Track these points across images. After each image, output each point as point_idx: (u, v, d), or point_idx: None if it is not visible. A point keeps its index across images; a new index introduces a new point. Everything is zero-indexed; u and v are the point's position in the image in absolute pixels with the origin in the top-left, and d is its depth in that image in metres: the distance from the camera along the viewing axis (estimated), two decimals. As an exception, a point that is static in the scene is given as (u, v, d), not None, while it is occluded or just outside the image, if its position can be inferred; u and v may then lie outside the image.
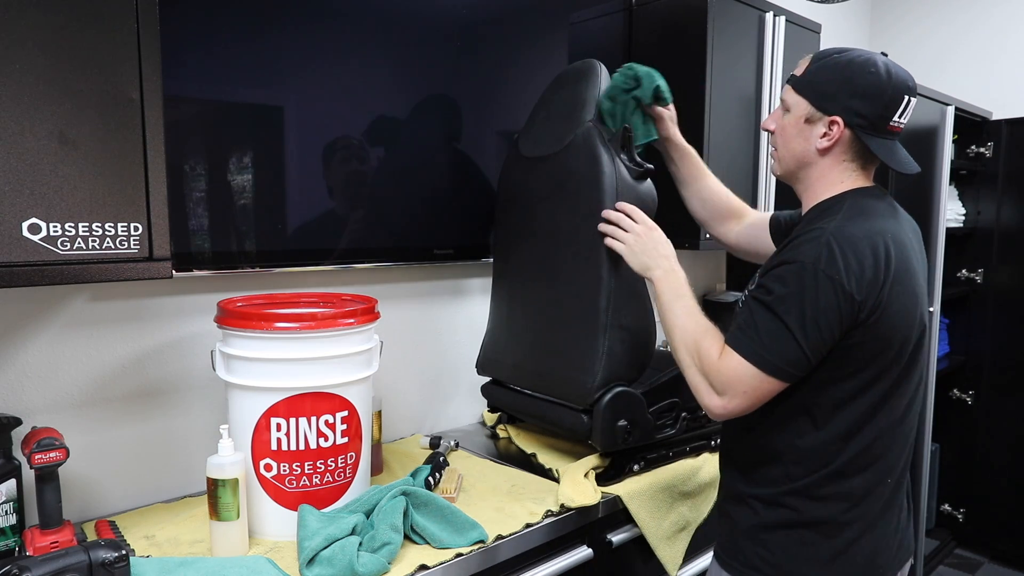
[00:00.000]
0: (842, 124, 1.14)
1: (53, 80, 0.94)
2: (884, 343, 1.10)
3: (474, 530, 1.25)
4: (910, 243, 1.16)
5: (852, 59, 1.15)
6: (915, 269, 1.14)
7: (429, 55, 1.74)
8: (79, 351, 1.33)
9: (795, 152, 1.21)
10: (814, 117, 1.17)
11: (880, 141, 1.15)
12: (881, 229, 1.11)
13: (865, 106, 1.13)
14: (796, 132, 1.20)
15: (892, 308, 1.09)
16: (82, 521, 1.32)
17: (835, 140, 1.16)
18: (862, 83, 1.13)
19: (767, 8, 2.04)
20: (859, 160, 1.18)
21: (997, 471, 3.11)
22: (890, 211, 1.18)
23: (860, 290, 1.06)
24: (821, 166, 1.19)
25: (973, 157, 3.10)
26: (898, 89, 1.13)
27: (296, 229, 1.56)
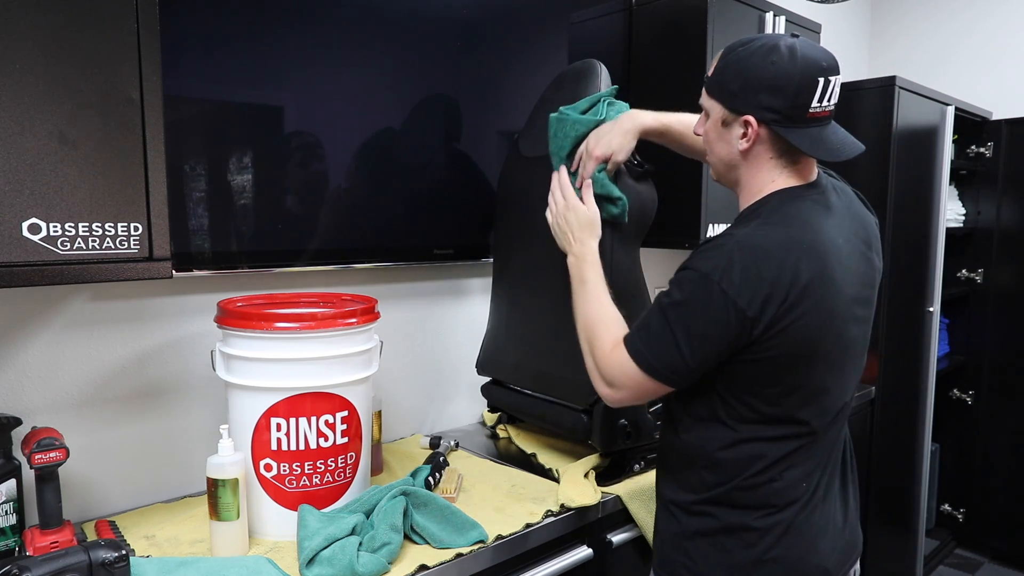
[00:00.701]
0: (755, 123, 1.07)
1: (53, 80, 0.94)
2: (790, 359, 1.04)
3: (474, 530, 1.25)
4: (835, 251, 1.06)
5: (753, 51, 1.06)
6: (836, 280, 1.05)
7: (429, 55, 1.74)
8: (79, 351, 1.33)
9: (721, 157, 1.15)
10: (728, 119, 1.11)
11: (802, 132, 1.06)
12: (797, 238, 1.03)
13: (774, 99, 1.04)
14: (717, 137, 1.14)
15: (798, 324, 1.02)
16: (82, 521, 1.32)
17: (753, 140, 1.08)
18: (766, 76, 1.04)
19: (767, 8, 2.04)
20: (787, 156, 1.10)
21: (997, 471, 3.11)
22: (820, 213, 1.09)
23: (753, 306, 1.00)
24: (749, 168, 1.12)
25: (973, 157, 3.10)
26: (808, 73, 1.03)
27: (296, 229, 1.56)
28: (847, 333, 1.09)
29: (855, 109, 2.43)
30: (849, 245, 1.10)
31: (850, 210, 1.16)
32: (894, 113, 2.35)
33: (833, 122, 1.10)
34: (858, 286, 1.10)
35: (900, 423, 2.64)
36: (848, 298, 1.08)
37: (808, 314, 1.02)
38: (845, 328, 1.09)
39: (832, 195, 1.14)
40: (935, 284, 2.63)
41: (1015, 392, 3.05)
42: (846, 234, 1.10)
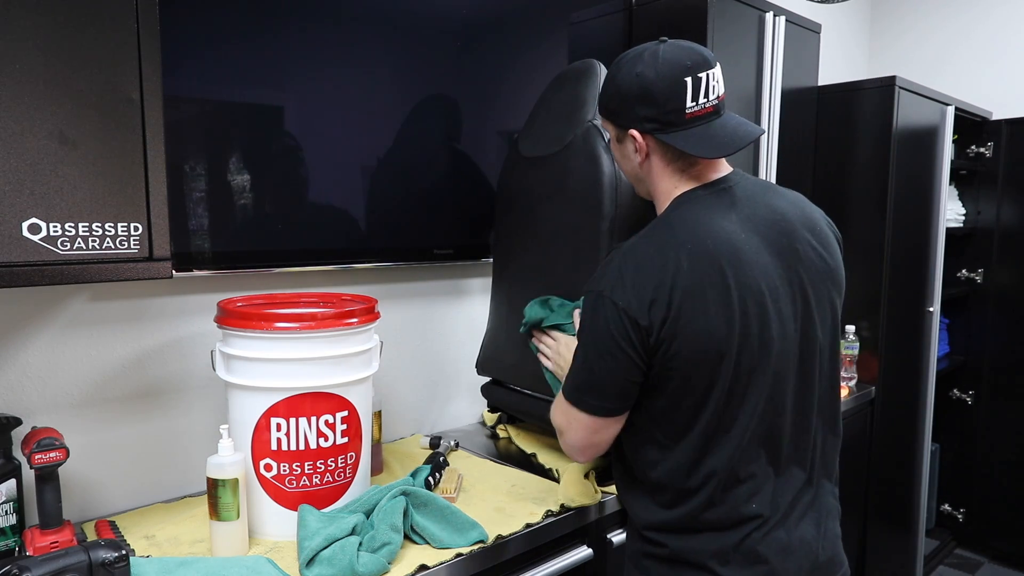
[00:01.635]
0: (639, 135, 1.09)
1: (53, 80, 0.94)
2: (691, 366, 1.02)
3: (474, 530, 1.25)
4: (731, 247, 1.03)
5: (621, 66, 1.09)
6: (735, 275, 1.02)
7: (429, 55, 1.74)
8: (79, 351, 1.33)
9: (629, 173, 1.19)
10: (620, 136, 1.14)
11: (684, 133, 1.05)
12: (681, 239, 1.03)
13: (647, 109, 1.06)
14: (620, 155, 1.18)
15: (688, 329, 1.00)
16: (82, 521, 1.32)
17: (644, 151, 1.10)
18: (634, 88, 1.06)
19: (767, 8, 2.04)
20: (681, 159, 1.09)
21: (997, 471, 3.11)
22: (716, 210, 1.07)
23: (642, 313, 1.00)
24: (652, 178, 1.14)
25: (973, 157, 3.10)
26: (671, 77, 1.04)
27: (296, 229, 1.56)
28: (764, 332, 1.04)
29: (855, 109, 2.43)
30: (757, 239, 1.06)
31: (768, 204, 1.11)
32: (894, 113, 2.35)
33: (725, 114, 1.10)
34: (776, 280, 1.06)
35: (900, 423, 2.64)
36: (756, 293, 1.03)
37: (697, 317, 1.00)
38: (761, 327, 1.03)
39: (740, 190, 1.11)
40: (935, 284, 2.63)
41: (1015, 392, 3.05)
42: (758, 228, 1.07)
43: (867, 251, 2.42)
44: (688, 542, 1.09)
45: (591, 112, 1.51)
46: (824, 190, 2.47)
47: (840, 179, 2.47)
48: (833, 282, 1.13)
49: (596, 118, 1.51)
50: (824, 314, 1.12)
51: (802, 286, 1.08)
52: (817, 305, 1.10)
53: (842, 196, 2.48)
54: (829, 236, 1.16)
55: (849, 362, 2.42)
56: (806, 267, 1.09)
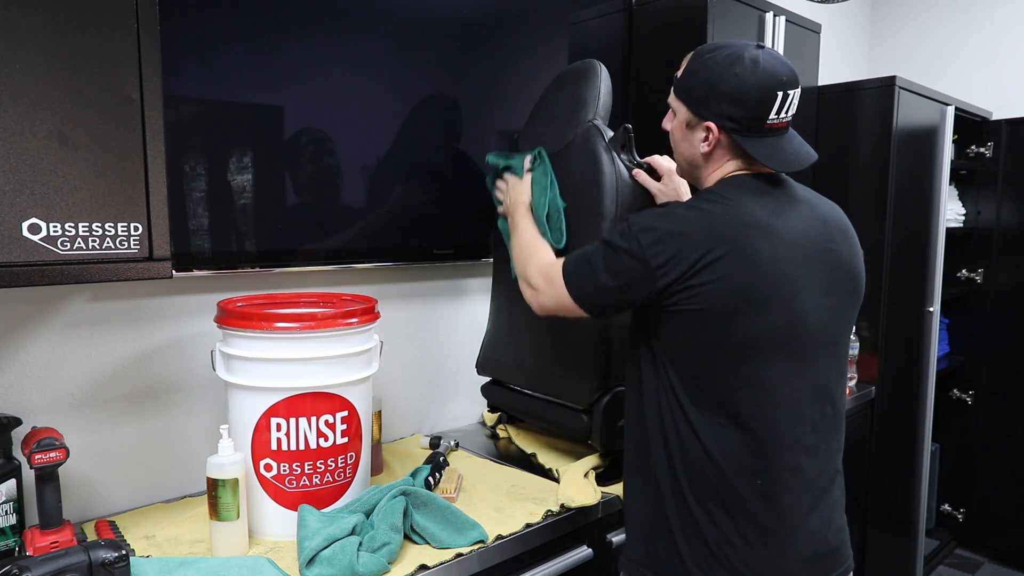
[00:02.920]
0: (716, 129, 1.13)
1: (53, 80, 0.94)
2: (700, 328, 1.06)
3: (474, 530, 1.25)
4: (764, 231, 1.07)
5: (719, 60, 1.12)
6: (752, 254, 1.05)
7: (430, 55, 1.74)
8: (79, 351, 1.33)
9: (685, 155, 1.21)
10: (692, 122, 1.16)
11: (759, 141, 1.11)
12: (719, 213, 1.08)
13: (735, 110, 1.10)
14: (681, 137, 1.20)
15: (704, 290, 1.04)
16: (82, 521, 1.32)
17: (713, 144, 1.14)
18: (728, 87, 1.10)
19: (767, 8, 2.04)
20: (744, 159, 1.15)
21: (997, 471, 3.11)
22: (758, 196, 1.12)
23: (658, 260, 1.05)
24: (709, 167, 1.18)
25: (973, 157, 3.10)
26: (767, 87, 1.09)
27: (296, 229, 1.56)
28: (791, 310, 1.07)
29: (855, 109, 2.43)
30: (792, 231, 1.10)
31: (807, 200, 1.17)
32: (894, 113, 2.35)
33: (791, 131, 1.16)
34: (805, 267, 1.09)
35: (900, 423, 2.64)
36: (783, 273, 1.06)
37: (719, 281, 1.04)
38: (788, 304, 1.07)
39: (784, 188, 1.16)
40: (935, 284, 2.63)
41: (1015, 392, 3.05)
42: (794, 216, 1.12)
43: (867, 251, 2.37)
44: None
45: (591, 112, 1.51)
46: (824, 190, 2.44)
47: (840, 179, 2.47)
48: (855, 288, 1.19)
49: (596, 118, 1.51)
50: (846, 313, 1.17)
51: (831, 281, 1.13)
52: (840, 303, 1.15)
53: (842, 196, 2.47)
54: (858, 246, 1.22)
55: (849, 362, 2.42)
56: (836, 265, 1.14)
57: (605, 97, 1.53)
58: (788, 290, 1.07)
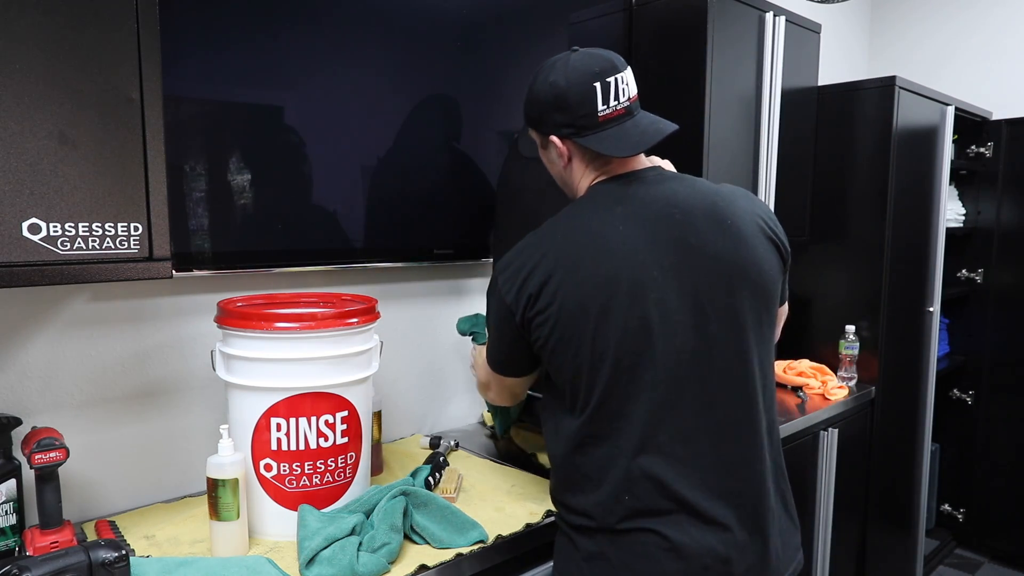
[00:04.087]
0: (559, 141, 1.15)
1: (53, 80, 0.94)
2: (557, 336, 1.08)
3: (474, 530, 1.25)
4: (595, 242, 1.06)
5: (539, 78, 1.16)
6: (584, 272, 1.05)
7: (429, 55, 1.74)
8: (79, 351, 1.33)
9: (556, 176, 1.25)
10: (544, 143, 1.20)
11: (599, 136, 1.11)
12: (554, 232, 1.12)
13: (562, 116, 1.12)
14: (547, 161, 1.25)
15: (548, 313, 1.07)
16: (82, 521, 1.32)
17: (566, 156, 1.17)
18: (548, 97, 1.13)
19: (767, 8, 2.04)
20: (598, 159, 1.15)
21: (997, 471, 3.11)
22: (603, 204, 1.11)
23: (510, 295, 1.11)
24: (574, 178, 1.20)
25: (973, 157, 3.10)
26: (582, 83, 1.10)
27: (296, 229, 1.56)
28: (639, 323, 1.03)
29: (855, 109, 2.43)
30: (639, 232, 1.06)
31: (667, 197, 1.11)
32: (894, 113, 2.35)
33: (637, 114, 1.15)
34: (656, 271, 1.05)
35: (900, 423, 2.64)
36: (626, 282, 1.04)
37: (561, 299, 1.06)
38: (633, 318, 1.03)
39: (642, 186, 1.12)
40: (935, 284, 2.63)
41: (1015, 392, 3.05)
42: (643, 221, 1.07)
43: (867, 251, 2.42)
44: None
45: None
46: (824, 190, 2.46)
47: (840, 179, 2.47)
48: (746, 278, 1.08)
49: None
50: (727, 311, 1.07)
51: (694, 281, 1.06)
52: (711, 301, 1.06)
53: (842, 196, 2.48)
54: (751, 232, 1.10)
55: (849, 362, 2.42)
56: (702, 261, 1.06)
57: (605, 97, 1.53)
58: (632, 298, 1.04)
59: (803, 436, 2.10)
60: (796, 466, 2.11)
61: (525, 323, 1.11)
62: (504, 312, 1.13)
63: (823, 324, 2.53)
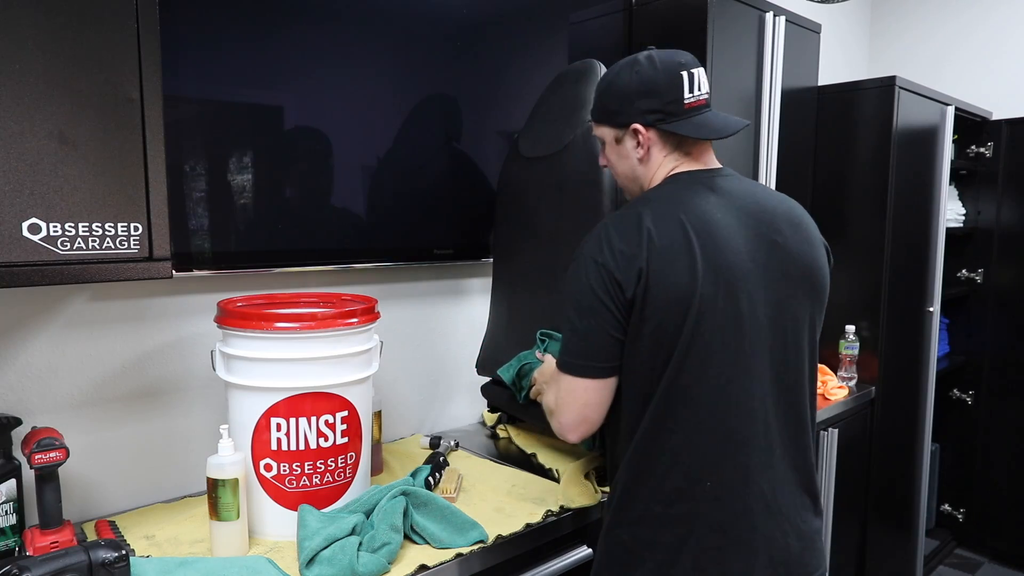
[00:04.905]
0: (643, 128, 1.16)
1: (53, 80, 0.94)
2: (655, 323, 1.06)
3: (474, 530, 1.25)
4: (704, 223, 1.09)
5: (617, 71, 1.19)
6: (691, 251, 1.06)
7: (429, 55, 1.74)
8: (79, 351, 1.33)
9: (627, 174, 1.24)
10: (619, 136, 1.20)
11: (685, 122, 1.15)
12: (656, 210, 1.10)
13: (650, 102, 1.15)
14: (617, 157, 1.24)
15: (658, 287, 1.05)
16: (82, 521, 1.32)
17: (646, 145, 1.17)
18: (634, 85, 1.15)
19: (767, 8, 2.04)
20: (679, 149, 1.18)
21: (997, 471, 3.11)
22: (697, 189, 1.14)
23: (620, 269, 1.06)
24: (649, 171, 1.20)
25: (973, 157, 3.10)
26: (670, 70, 1.15)
27: (296, 229, 1.56)
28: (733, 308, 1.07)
29: (855, 109, 2.43)
30: (735, 222, 1.11)
31: (753, 195, 1.17)
32: (894, 113, 2.35)
33: (712, 109, 1.20)
34: (749, 263, 1.09)
35: (900, 423, 2.64)
36: (725, 269, 1.07)
37: (669, 274, 1.05)
38: (728, 302, 1.07)
39: (726, 180, 1.17)
40: (935, 284, 2.63)
41: (1015, 392, 3.05)
42: (737, 213, 1.12)
43: (867, 251, 2.42)
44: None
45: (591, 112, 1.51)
46: (824, 190, 2.47)
47: (840, 179, 2.47)
48: (812, 284, 1.15)
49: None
50: (800, 309, 1.14)
51: (777, 277, 1.12)
52: (790, 298, 1.13)
53: (842, 196, 2.48)
54: (817, 239, 1.19)
55: (849, 362, 2.42)
56: (783, 260, 1.13)
57: (605, 97, 1.53)
58: (730, 286, 1.07)
59: (803, 436, 2.10)
60: (796, 466, 2.11)
61: (633, 300, 1.06)
62: (604, 285, 1.07)
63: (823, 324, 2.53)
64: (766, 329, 1.10)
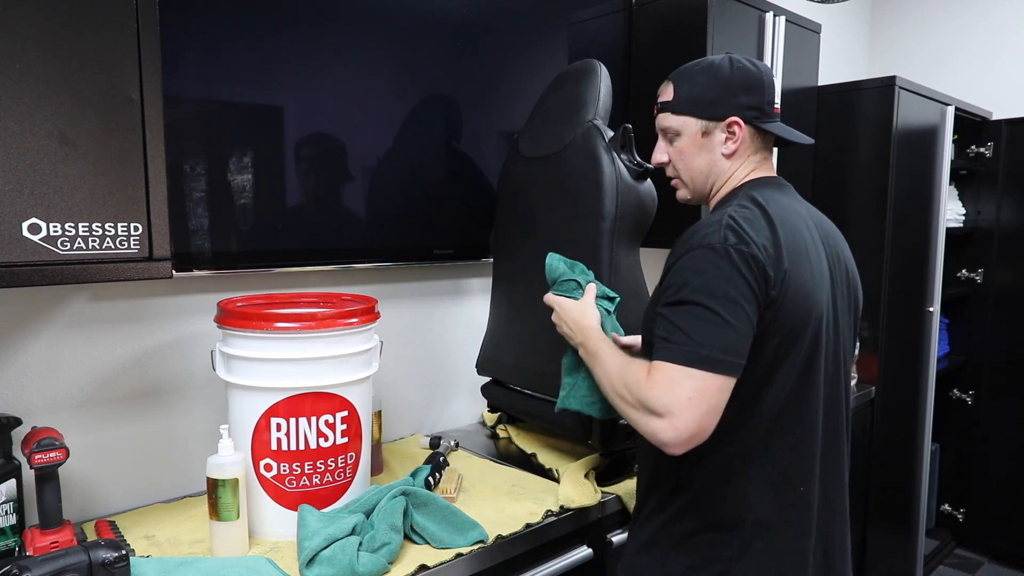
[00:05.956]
0: (741, 123, 1.15)
1: (53, 80, 0.94)
2: (785, 329, 1.03)
3: (474, 530, 1.25)
4: (803, 231, 1.10)
5: (716, 64, 1.17)
6: (809, 259, 1.07)
7: (429, 55, 1.74)
8: (79, 351, 1.33)
9: (702, 169, 1.19)
10: (709, 128, 1.17)
11: (775, 124, 1.18)
12: (775, 212, 1.08)
13: (751, 98, 1.15)
14: (696, 151, 1.18)
15: (792, 289, 1.03)
16: (82, 521, 1.32)
17: (739, 141, 1.16)
18: (739, 80, 1.15)
19: (767, 8, 2.04)
20: (761, 152, 1.19)
21: (997, 471, 3.11)
22: (790, 198, 1.17)
23: (770, 263, 1.01)
24: (730, 168, 1.19)
25: (973, 157, 3.10)
26: (767, 74, 1.17)
27: (296, 229, 1.56)
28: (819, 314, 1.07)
29: (855, 109, 2.43)
30: (806, 233, 1.12)
31: (808, 208, 1.21)
32: (894, 113, 2.35)
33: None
34: (816, 274, 1.09)
35: (900, 423, 2.64)
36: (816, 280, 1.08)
37: (801, 278, 1.05)
38: (819, 309, 1.08)
39: (795, 191, 1.22)
40: (935, 284, 2.63)
41: (1015, 392, 3.05)
42: (815, 222, 1.17)
43: (867, 251, 2.42)
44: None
45: (591, 112, 1.51)
46: (824, 190, 2.47)
47: (840, 179, 2.47)
48: (856, 299, 1.22)
49: (596, 118, 1.51)
50: (851, 329, 1.20)
51: (843, 295, 1.16)
52: (848, 314, 1.18)
53: (842, 196, 2.48)
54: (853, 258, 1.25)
55: (849, 362, 2.42)
56: (846, 278, 1.18)
57: (605, 97, 1.54)
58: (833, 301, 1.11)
59: (803, 436, 2.10)
60: (796, 466, 2.11)
61: (774, 301, 1.01)
62: (755, 276, 0.99)
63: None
64: (836, 348, 1.14)
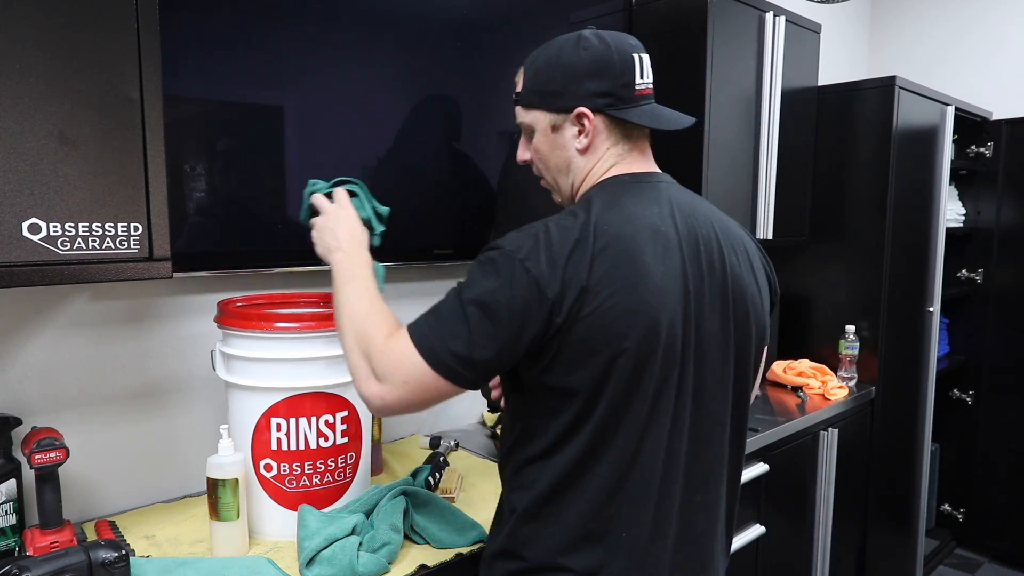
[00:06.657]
0: (590, 113, 1.01)
1: (53, 80, 0.94)
2: (583, 360, 0.91)
3: (474, 530, 1.25)
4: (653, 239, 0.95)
5: (560, 48, 1.03)
6: (647, 273, 0.92)
7: (429, 55, 1.74)
8: (79, 351, 1.33)
9: (560, 167, 1.07)
10: (557, 122, 1.04)
11: (636, 109, 1.01)
12: (601, 220, 0.94)
13: (601, 83, 1.00)
14: (549, 148, 1.07)
15: (599, 310, 0.90)
16: (82, 521, 1.32)
17: (591, 133, 1.02)
18: (585, 63, 1.00)
19: (767, 8, 2.04)
20: (624, 141, 1.04)
21: (997, 471, 3.11)
22: (643, 199, 1.00)
23: (553, 287, 0.89)
24: (587, 163, 1.05)
25: (973, 157, 3.10)
26: (623, 51, 1.00)
27: (296, 229, 1.55)
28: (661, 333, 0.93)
29: (855, 109, 2.43)
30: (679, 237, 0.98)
31: (696, 209, 1.04)
32: (894, 113, 2.35)
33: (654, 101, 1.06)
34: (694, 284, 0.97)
35: (900, 423, 2.64)
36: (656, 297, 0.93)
37: (613, 299, 0.90)
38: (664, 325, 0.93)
39: (667, 188, 1.04)
40: (935, 284, 2.63)
41: (1015, 392, 3.05)
42: (681, 227, 0.99)
43: (867, 251, 2.42)
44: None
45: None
46: (824, 190, 2.47)
47: (840, 179, 2.47)
48: (751, 307, 1.04)
49: None
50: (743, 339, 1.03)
51: (725, 305, 1.00)
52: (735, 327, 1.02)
53: (842, 196, 2.48)
54: (756, 262, 1.09)
55: (849, 362, 2.42)
56: (729, 285, 1.01)
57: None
58: (676, 316, 0.94)
59: (803, 436, 2.11)
60: (796, 466, 2.11)
61: (564, 321, 0.90)
62: (531, 299, 0.89)
63: (823, 324, 2.53)
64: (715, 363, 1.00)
